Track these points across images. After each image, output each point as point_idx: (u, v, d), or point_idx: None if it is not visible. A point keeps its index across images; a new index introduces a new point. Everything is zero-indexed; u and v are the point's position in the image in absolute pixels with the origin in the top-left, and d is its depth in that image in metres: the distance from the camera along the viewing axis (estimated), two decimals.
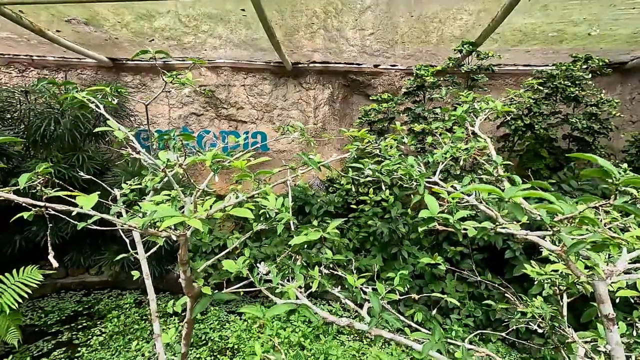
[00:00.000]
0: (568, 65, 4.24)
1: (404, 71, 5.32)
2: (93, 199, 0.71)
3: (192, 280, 1.03)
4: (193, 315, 1.18)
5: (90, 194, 0.76)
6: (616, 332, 0.81)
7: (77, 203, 0.72)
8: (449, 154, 1.43)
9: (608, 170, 0.70)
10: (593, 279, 0.83)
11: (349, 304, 1.29)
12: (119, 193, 1.45)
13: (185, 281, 1.00)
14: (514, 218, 0.82)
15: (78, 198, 0.73)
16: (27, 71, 5.03)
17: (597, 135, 4.41)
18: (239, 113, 5.37)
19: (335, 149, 5.50)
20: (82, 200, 0.72)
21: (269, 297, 1.20)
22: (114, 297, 4.50)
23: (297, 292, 1.07)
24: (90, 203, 0.70)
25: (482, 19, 3.84)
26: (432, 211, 0.96)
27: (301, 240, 1.00)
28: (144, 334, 3.58)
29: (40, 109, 3.95)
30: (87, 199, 0.72)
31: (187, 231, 0.83)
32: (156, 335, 1.36)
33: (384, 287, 1.22)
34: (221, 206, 0.86)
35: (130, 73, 5.21)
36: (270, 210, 1.14)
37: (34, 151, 4.12)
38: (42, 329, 3.81)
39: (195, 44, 4.66)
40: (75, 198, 0.87)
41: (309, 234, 1.02)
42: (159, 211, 0.71)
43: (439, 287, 3.96)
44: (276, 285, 1.09)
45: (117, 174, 4.29)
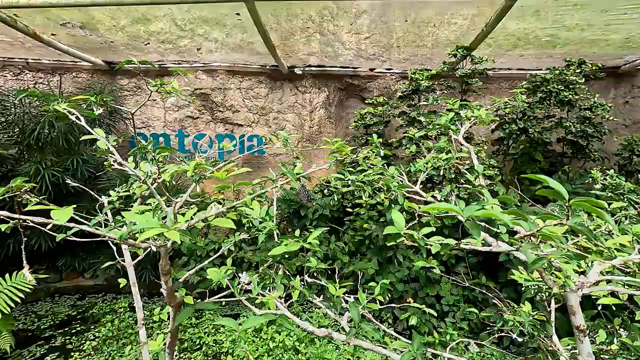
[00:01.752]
0: (562, 70, 4.27)
1: (399, 75, 5.35)
2: (68, 213, 0.71)
3: (174, 290, 1.03)
4: (175, 324, 1.17)
5: (66, 207, 0.76)
6: (587, 343, 0.82)
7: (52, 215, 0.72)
8: (430, 164, 1.44)
9: (559, 192, 0.71)
10: (565, 290, 0.84)
11: (330, 314, 1.29)
12: (106, 200, 1.45)
13: (167, 291, 1.00)
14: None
15: (53, 212, 0.73)
16: (22, 74, 5.01)
17: (590, 139, 4.44)
18: (235, 116, 5.38)
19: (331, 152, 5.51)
20: (57, 214, 0.72)
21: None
22: (108, 301, 4.47)
23: (277, 302, 1.07)
24: (65, 217, 0.70)
25: (476, 23, 3.86)
26: (399, 227, 0.97)
27: (280, 251, 1.00)
28: (137, 339, 3.56)
29: (35, 112, 3.94)
30: (62, 213, 0.71)
31: (167, 242, 0.83)
32: (142, 342, 1.35)
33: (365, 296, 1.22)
34: (202, 216, 0.86)
35: (125, 76, 5.21)
36: (254, 219, 1.14)
37: (28, 155, 4.11)
38: (35, 333, 3.78)
39: (191, 47, 4.67)
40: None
41: (288, 244, 1.02)
42: (139, 222, 0.71)
43: (434, 290, 3.97)
44: (256, 295, 1.09)
45: (112, 177, 4.28)
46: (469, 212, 0.79)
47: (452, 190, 1.27)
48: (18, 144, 4.01)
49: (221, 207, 1.06)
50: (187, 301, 1.03)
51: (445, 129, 1.65)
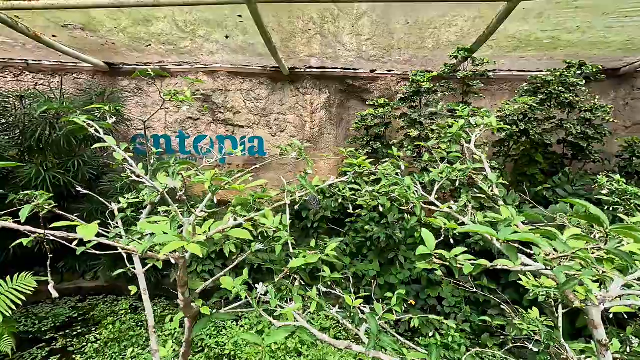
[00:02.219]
0: (562, 71, 4.28)
1: (400, 76, 5.35)
2: (93, 230, 0.71)
3: (191, 301, 1.03)
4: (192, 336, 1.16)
5: (91, 223, 0.76)
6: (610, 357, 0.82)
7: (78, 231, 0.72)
8: (445, 174, 1.43)
9: (599, 218, 0.71)
10: (587, 305, 0.84)
11: (347, 325, 1.29)
12: (116, 208, 1.44)
13: (183, 302, 1.00)
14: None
15: (78, 229, 0.72)
16: (22, 75, 5.00)
17: (591, 141, 4.46)
18: (236, 117, 5.37)
19: (332, 154, 5.51)
20: (83, 230, 0.71)
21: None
22: (109, 302, 4.46)
23: (295, 314, 1.07)
24: (91, 234, 0.70)
25: (477, 25, 3.87)
26: (429, 247, 0.95)
27: (299, 264, 1.00)
28: (139, 341, 3.56)
29: (36, 114, 3.93)
30: (88, 230, 0.71)
31: (185, 254, 0.83)
32: (154, 350, 1.35)
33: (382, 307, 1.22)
34: (220, 228, 0.86)
35: (126, 78, 5.20)
36: (268, 229, 1.14)
37: (29, 156, 4.09)
38: (36, 336, 3.77)
39: (192, 48, 4.66)
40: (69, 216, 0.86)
41: (307, 257, 1.02)
42: (159, 236, 0.70)
43: (435, 292, 3.98)
44: (275, 307, 1.09)
45: (113, 179, 4.27)
46: (505, 235, 0.79)
47: (468, 201, 1.26)
48: (19, 146, 3.99)
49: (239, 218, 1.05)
50: (204, 312, 1.02)
51: (457, 137, 1.65)
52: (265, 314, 1.14)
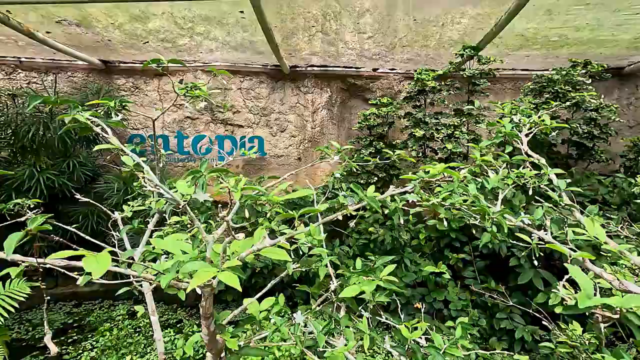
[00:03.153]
0: (568, 70, 4.22)
1: (402, 75, 5.27)
2: (105, 263, 0.60)
3: (216, 334, 0.92)
4: None
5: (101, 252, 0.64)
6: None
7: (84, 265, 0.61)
8: (510, 180, 1.31)
9: None
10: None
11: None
12: (119, 217, 1.33)
13: (208, 337, 0.89)
14: None
15: (85, 261, 0.61)
16: (14, 73, 4.84)
17: (596, 140, 4.40)
18: (235, 117, 5.25)
19: (334, 154, 5.40)
20: (91, 265, 0.60)
21: None
22: (105, 308, 4.33)
23: (348, 354, 0.97)
24: (102, 269, 0.59)
25: (480, 23, 3.79)
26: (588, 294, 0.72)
27: (354, 293, 0.90)
28: (137, 349, 3.44)
29: (29, 113, 3.79)
30: (98, 264, 0.60)
31: (213, 281, 0.72)
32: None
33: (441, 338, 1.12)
34: (254, 248, 0.75)
35: (122, 76, 5.06)
36: (303, 245, 1.03)
37: (22, 157, 3.95)
38: (29, 343, 3.64)
39: (191, 46, 4.54)
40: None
41: (362, 283, 0.92)
42: (188, 264, 0.59)
43: (441, 295, 3.89)
44: (322, 346, 0.98)
45: (109, 180, 4.14)
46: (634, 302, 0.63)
47: (546, 212, 1.16)
48: (11, 146, 3.85)
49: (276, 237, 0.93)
50: (231, 346, 0.91)
51: (511, 136, 1.55)
52: (309, 353, 1.03)
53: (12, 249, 0.80)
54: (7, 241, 0.82)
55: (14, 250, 1.01)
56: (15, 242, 0.81)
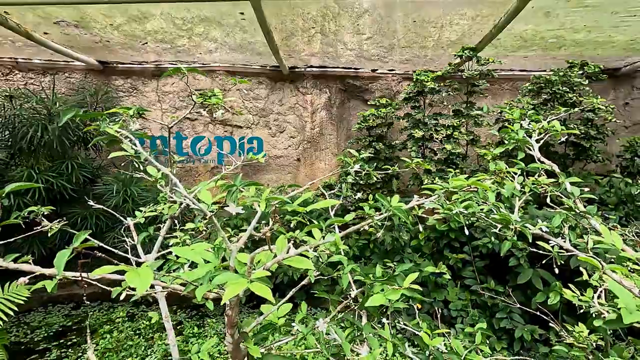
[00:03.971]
0: (565, 71, 4.25)
1: (401, 76, 5.29)
2: (148, 277, 0.59)
3: (240, 342, 0.92)
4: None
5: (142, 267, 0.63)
6: None
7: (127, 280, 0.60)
8: (527, 188, 1.31)
9: None
10: None
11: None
12: (132, 223, 1.32)
13: (232, 345, 0.89)
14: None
15: (127, 275, 0.61)
16: (11, 74, 4.80)
17: (593, 141, 4.44)
18: (234, 118, 5.25)
19: (333, 155, 5.42)
20: (134, 280, 0.60)
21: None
22: (104, 310, 4.31)
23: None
24: (146, 284, 0.59)
25: (479, 24, 3.82)
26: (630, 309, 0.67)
27: (380, 302, 0.90)
28: (138, 351, 3.42)
29: (27, 114, 3.76)
30: (141, 278, 0.60)
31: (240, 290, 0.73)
32: None
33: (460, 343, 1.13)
34: (279, 258, 0.75)
35: (120, 77, 5.03)
36: (322, 252, 1.03)
37: (19, 159, 3.92)
38: (28, 346, 3.61)
39: (190, 47, 4.53)
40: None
41: (387, 292, 0.92)
42: (219, 276, 0.59)
43: (441, 295, 3.91)
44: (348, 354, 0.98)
45: (108, 182, 4.12)
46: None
47: (564, 220, 1.17)
48: (8, 148, 3.82)
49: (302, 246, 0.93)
50: (254, 354, 0.91)
51: (522, 143, 1.56)
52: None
53: (62, 267, 0.80)
54: (56, 260, 0.82)
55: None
56: (64, 259, 0.82)
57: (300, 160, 5.38)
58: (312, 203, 1.02)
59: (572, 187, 1.26)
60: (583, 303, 1.22)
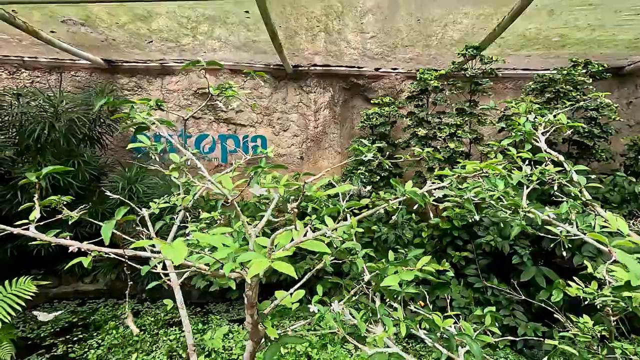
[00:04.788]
0: (569, 70, 4.26)
1: (404, 74, 5.30)
2: (182, 250, 0.62)
3: (258, 323, 0.95)
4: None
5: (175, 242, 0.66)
6: None
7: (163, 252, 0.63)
8: (535, 177, 1.34)
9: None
10: None
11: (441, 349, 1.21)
12: (146, 213, 1.35)
13: (251, 325, 0.91)
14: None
15: (163, 248, 0.63)
16: (17, 73, 4.85)
17: (596, 140, 4.45)
18: (238, 116, 5.28)
19: (336, 153, 5.44)
20: (169, 252, 0.62)
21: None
22: (110, 306, 4.35)
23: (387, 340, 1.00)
24: (180, 256, 0.61)
25: (482, 23, 3.83)
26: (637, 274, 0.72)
27: (394, 282, 0.93)
28: (143, 346, 3.46)
29: (34, 112, 3.80)
30: (175, 252, 0.62)
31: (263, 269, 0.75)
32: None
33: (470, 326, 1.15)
34: (297, 241, 0.78)
35: (125, 75, 5.07)
36: (335, 239, 1.06)
37: (26, 157, 3.96)
38: (35, 341, 3.65)
39: (194, 45, 4.56)
40: None
41: (401, 273, 0.95)
42: (243, 254, 0.62)
43: (444, 293, 3.92)
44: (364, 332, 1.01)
45: (114, 180, 4.16)
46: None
47: (572, 206, 1.19)
48: (16, 146, 3.86)
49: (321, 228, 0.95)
50: (271, 334, 0.93)
51: (528, 135, 1.58)
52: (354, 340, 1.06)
53: (109, 236, 0.84)
54: (103, 230, 0.86)
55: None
56: (110, 230, 0.86)
57: (304, 158, 5.40)
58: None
59: (579, 177, 1.28)
60: (588, 295, 1.24)
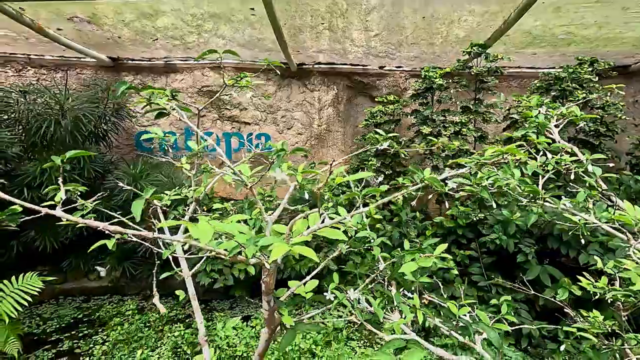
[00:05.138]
0: (575, 68, 4.23)
1: (409, 73, 5.29)
2: (208, 230, 0.63)
3: (275, 311, 0.95)
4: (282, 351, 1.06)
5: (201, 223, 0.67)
6: None
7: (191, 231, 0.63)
8: (550, 166, 1.33)
9: None
10: None
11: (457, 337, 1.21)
12: (159, 204, 1.35)
13: (268, 312, 0.92)
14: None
15: (192, 228, 0.64)
16: (24, 70, 4.88)
17: (602, 138, 4.42)
18: (242, 114, 5.28)
19: (340, 151, 5.44)
20: (197, 232, 0.63)
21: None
22: (114, 303, 4.37)
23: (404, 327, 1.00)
24: (207, 236, 0.62)
25: (487, 20, 3.81)
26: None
27: (413, 269, 0.93)
28: (148, 342, 3.48)
29: (40, 109, 3.82)
30: (203, 232, 0.63)
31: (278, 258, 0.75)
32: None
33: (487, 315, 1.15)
34: (315, 228, 0.78)
35: (131, 73, 5.09)
36: (349, 228, 1.06)
37: (32, 153, 3.99)
38: (41, 337, 3.68)
39: (199, 43, 4.57)
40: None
41: (419, 260, 0.95)
42: (263, 239, 0.62)
43: (448, 291, 3.92)
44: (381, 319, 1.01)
45: (119, 177, 4.17)
46: None
47: (588, 196, 1.19)
48: (22, 142, 3.88)
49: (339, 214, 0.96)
50: (286, 321, 0.94)
51: (542, 127, 1.58)
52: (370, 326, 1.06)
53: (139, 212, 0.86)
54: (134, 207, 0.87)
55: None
56: (140, 206, 0.87)
57: (307, 156, 5.41)
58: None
59: (594, 168, 1.27)
60: (598, 290, 1.23)
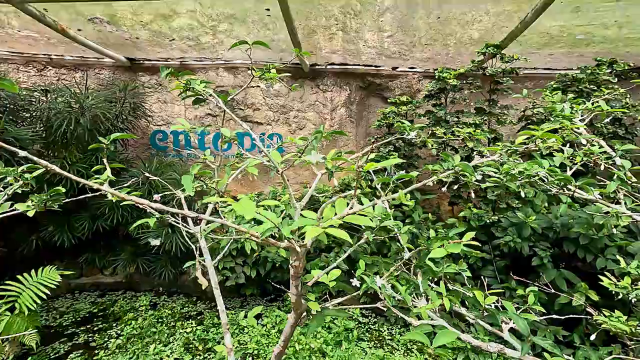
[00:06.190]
0: (593, 69, 4.15)
1: (422, 74, 5.26)
2: (251, 207, 0.64)
3: (302, 295, 0.96)
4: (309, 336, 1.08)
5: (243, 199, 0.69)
6: None
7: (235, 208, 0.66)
8: (578, 159, 1.32)
9: None
10: None
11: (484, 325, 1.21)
12: (182, 195, 1.38)
13: (295, 297, 0.93)
14: None
15: (235, 205, 0.66)
16: (45, 70, 5.02)
17: (622, 140, 4.31)
18: (255, 114, 5.33)
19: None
20: (241, 209, 0.65)
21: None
22: (128, 298, 4.45)
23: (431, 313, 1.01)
24: (251, 212, 0.64)
25: (502, 21, 3.77)
26: None
27: (442, 254, 0.94)
28: (161, 337, 3.53)
29: (60, 108, 3.93)
30: (246, 208, 0.65)
31: (307, 242, 0.76)
32: (229, 349, 1.26)
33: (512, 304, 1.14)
34: (344, 213, 0.79)
35: (147, 73, 5.19)
36: (374, 218, 1.07)
37: (53, 151, 4.10)
38: (57, 330, 3.77)
39: (213, 44, 4.63)
40: None
41: (448, 246, 0.95)
42: (297, 220, 0.64)
43: (459, 294, 3.87)
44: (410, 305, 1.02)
45: (134, 174, 4.26)
46: None
47: (619, 187, 1.18)
48: (43, 140, 4.00)
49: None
50: (313, 307, 0.95)
51: (568, 119, 1.56)
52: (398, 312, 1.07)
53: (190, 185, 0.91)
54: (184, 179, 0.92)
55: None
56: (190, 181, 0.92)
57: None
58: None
59: (623, 161, 1.25)
60: (620, 290, 1.20)
